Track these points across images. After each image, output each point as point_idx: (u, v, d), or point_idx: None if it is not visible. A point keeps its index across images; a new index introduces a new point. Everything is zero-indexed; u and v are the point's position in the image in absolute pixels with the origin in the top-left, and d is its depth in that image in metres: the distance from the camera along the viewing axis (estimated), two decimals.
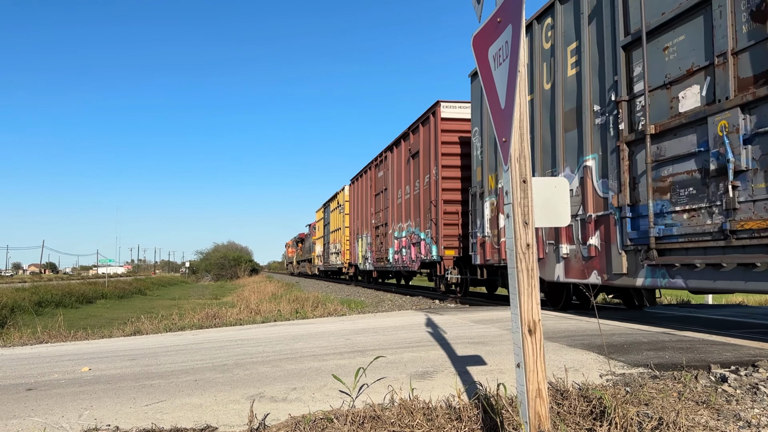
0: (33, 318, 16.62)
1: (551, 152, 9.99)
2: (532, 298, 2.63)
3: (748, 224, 5.80)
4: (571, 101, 9.35)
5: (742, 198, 5.92)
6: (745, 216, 5.88)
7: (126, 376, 5.20)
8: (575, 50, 9.20)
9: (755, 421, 3.46)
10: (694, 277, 6.67)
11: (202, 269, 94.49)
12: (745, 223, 5.84)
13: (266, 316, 13.10)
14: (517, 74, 2.57)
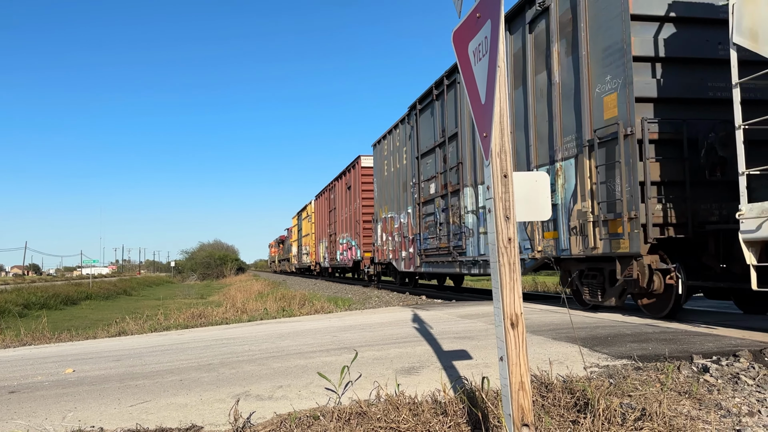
0: (16, 320, 16.44)
1: (394, 204, 19.44)
2: (515, 292, 2.65)
3: (443, 245, 14.42)
4: (403, 178, 18.44)
5: (443, 234, 14.44)
6: (444, 242, 14.45)
7: (110, 377, 5.16)
8: (404, 152, 18.24)
9: (736, 410, 3.51)
10: (434, 267, 15.53)
11: (188, 269, 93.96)
12: (442, 245, 14.48)
13: (253, 314, 13.06)
14: (497, 69, 2.58)
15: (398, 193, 18.87)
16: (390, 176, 19.89)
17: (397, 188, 18.95)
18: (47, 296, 28.83)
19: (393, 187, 19.52)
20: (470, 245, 12.70)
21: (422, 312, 9.81)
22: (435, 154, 15.09)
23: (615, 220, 7.88)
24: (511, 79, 11.18)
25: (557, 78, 9.37)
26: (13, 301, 24.45)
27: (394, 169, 19.37)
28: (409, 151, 17.47)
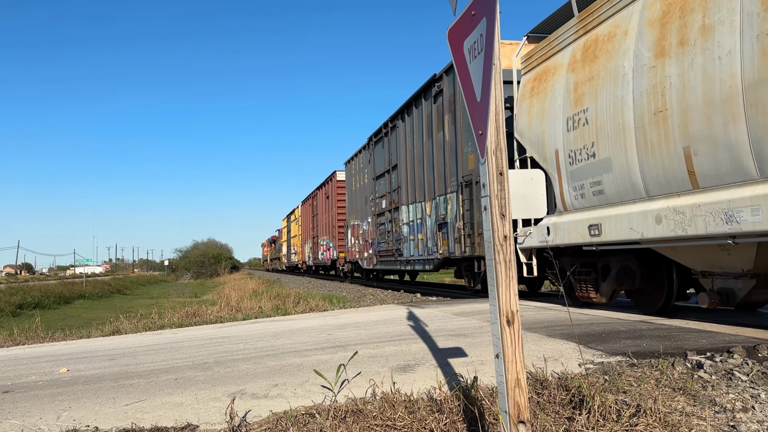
0: (9, 319, 16.36)
1: (359, 214, 23.62)
2: (510, 290, 2.65)
3: (390, 248, 18.82)
4: (365, 193, 22.59)
5: (390, 240, 18.78)
6: (390, 246, 18.80)
7: (105, 376, 5.14)
8: (365, 173, 22.35)
9: (730, 406, 3.53)
10: (385, 265, 19.80)
11: (182, 267, 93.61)
12: (389, 248, 18.91)
13: (247, 313, 13.04)
14: (492, 67, 2.58)
15: (362, 205, 23.42)
16: (356, 191, 24.63)
17: (362, 201, 23.49)
18: (40, 295, 28.69)
19: (358, 200, 24.14)
20: (405, 248, 17.59)
21: (417, 310, 9.82)
22: (385, 177, 19.76)
23: (473, 234, 12.37)
24: (426, 132, 15.86)
25: (446, 138, 14.23)
26: (6, 301, 24.32)
27: (359, 185, 24.02)
28: (368, 172, 22.15)
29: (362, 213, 23.19)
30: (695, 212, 6.30)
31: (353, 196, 25.12)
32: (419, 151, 16.26)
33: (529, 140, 9.44)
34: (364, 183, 22.70)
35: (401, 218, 17.73)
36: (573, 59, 8.90)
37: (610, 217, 7.84)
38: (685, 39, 6.40)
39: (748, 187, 5.71)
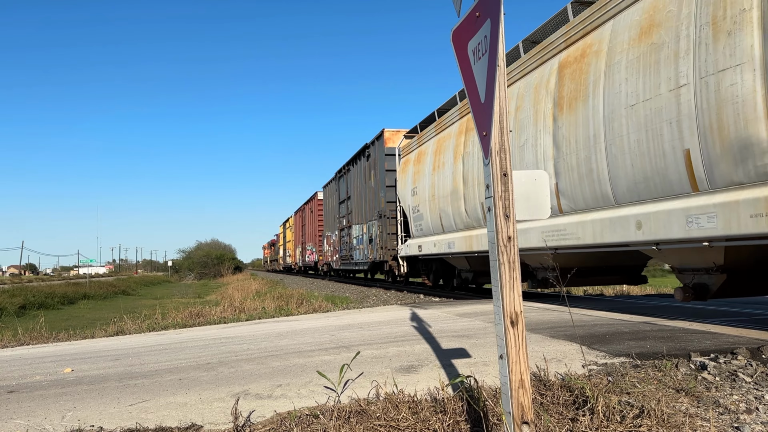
0: (13, 320, 16.40)
1: (331, 227, 30.87)
2: (514, 291, 2.65)
3: (346, 254, 26.47)
4: (334, 212, 29.73)
5: (346, 248, 26.52)
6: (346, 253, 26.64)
7: (109, 377, 5.16)
8: (336, 196, 29.09)
9: (734, 408, 3.53)
10: (346, 266, 26.96)
11: (185, 268, 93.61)
12: (346, 254, 26.54)
13: (251, 314, 13.05)
14: (497, 68, 2.59)
15: (332, 221, 30.48)
16: (329, 209, 31.78)
17: (332, 217, 30.54)
18: (45, 295, 28.74)
19: (330, 216, 31.32)
20: (354, 254, 24.60)
21: (420, 311, 9.82)
22: (344, 203, 26.87)
23: (384, 247, 19.25)
24: (363, 178, 22.77)
25: (372, 185, 21.18)
26: (10, 302, 24.37)
27: (331, 206, 31.01)
28: (335, 197, 29.31)
29: (332, 227, 30.51)
30: (469, 242, 12.68)
31: (327, 213, 32.62)
32: (360, 190, 23.49)
33: (400, 197, 17.84)
34: (334, 204, 29.85)
35: (352, 233, 24.93)
36: (416, 157, 16.39)
37: (426, 242, 15.47)
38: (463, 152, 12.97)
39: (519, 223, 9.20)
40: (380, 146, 19.76)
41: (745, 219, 5.73)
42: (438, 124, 14.88)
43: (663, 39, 6.83)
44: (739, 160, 5.87)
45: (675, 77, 6.58)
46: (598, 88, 7.93)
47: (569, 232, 8.63)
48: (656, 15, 7.05)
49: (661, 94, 6.77)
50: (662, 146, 6.80)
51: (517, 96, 10.26)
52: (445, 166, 13.65)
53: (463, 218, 12.88)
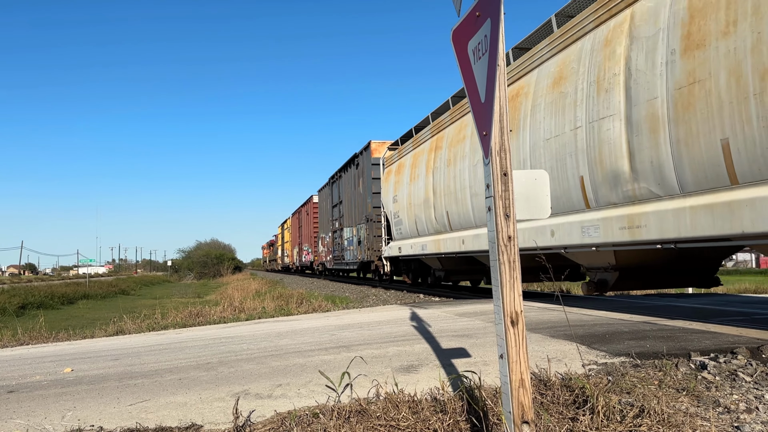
0: (13, 320, 16.40)
1: (325, 229, 32.99)
2: (515, 290, 2.65)
3: (339, 254, 28.64)
4: (328, 215, 31.99)
5: (339, 249, 28.69)
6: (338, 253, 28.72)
7: (109, 376, 5.16)
8: (329, 201, 31.59)
9: (734, 407, 3.53)
10: (338, 266, 29.52)
11: (185, 268, 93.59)
12: (338, 254, 28.64)
13: (250, 313, 13.05)
14: (497, 68, 2.59)
15: (326, 223, 32.60)
16: (324, 212, 33.97)
17: (326, 220, 32.62)
18: (44, 295, 28.73)
19: (324, 219, 33.48)
20: (345, 255, 26.78)
21: (420, 310, 9.82)
22: (337, 207, 28.78)
23: (370, 248, 21.35)
24: (353, 185, 24.89)
25: (361, 191, 23.25)
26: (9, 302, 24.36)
27: (325, 209, 33.33)
28: (329, 201, 31.28)
29: (326, 228, 32.52)
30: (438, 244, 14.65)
31: (322, 215, 34.84)
32: (350, 195, 25.42)
33: (384, 204, 19.59)
34: (328, 208, 31.98)
35: (344, 235, 26.91)
36: (396, 168, 18.24)
37: (404, 244, 17.54)
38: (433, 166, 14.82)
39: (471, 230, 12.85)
40: (367, 156, 21.92)
41: (616, 230, 7.61)
42: (415, 140, 16.74)
43: (567, 89, 8.59)
44: (613, 186, 7.67)
45: (574, 120, 8.36)
46: (526, 123, 9.76)
47: None
48: (564, 69, 8.77)
49: (565, 132, 8.60)
50: (566, 173, 8.64)
51: (468, 124, 12.69)
52: (419, 178, 15.62)
53: (433, 224, 14.83)
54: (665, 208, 6.80)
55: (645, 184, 7.11)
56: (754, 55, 5.53)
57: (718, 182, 6.10)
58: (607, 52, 7.70)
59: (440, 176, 14.01)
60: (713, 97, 6.02)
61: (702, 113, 6.16)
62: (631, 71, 7.22)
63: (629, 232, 7.37)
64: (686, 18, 6.44)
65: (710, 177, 6.17)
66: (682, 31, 6.47)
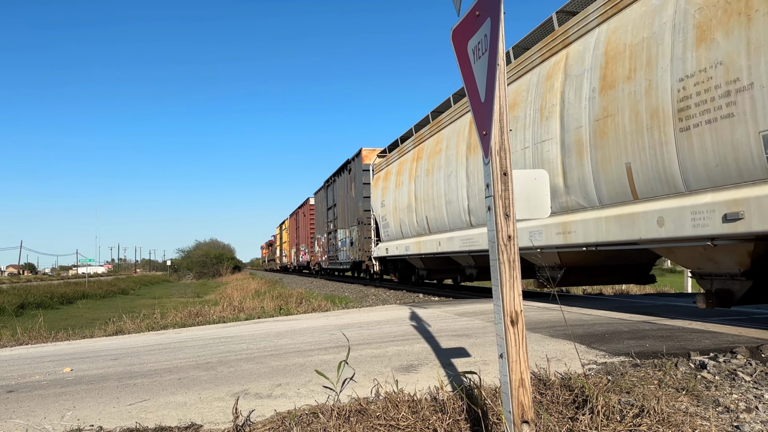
0: (12, 319, 16.39)
1: (321, 230, 34.76)
2: (514, 290, 2.65)
3: (333, 255, 29.86)
4: (323, 217, 33.04)
5: (333, 249, 29.75)
6: (333, 253, 29.88)
7: (109, 376, 5.16)
8: (325, 203, 32.44)
9: (734, 407, 3.53)
10: (332, 265, 30.38)
11: (184, 267, 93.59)
12: (333, 255, 29.86)
13: (250, 313, 13.05)
14: (497, 67, 2.58)
15: (322, 224, 33.96)
16: (320, 214, 35.08)
17: (322, 222, 33.92)
18: (43, 295, 28.71)
19: (320, 221, 34.76)
20: (339, 255, 28.08)
21: (420, 310, 9.82)
22: (332, 209, 30.14)
23: (361, 249, 22.94)
24: (345, 188, 26.19)
25: (353, 195, 24.57)
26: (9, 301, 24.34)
27: (321, 211, 34.52)
28: (324, 204, 32.52)
29: (322, 230, 33.91)
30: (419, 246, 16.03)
31: (318, 217, 36.22)
32: (344, 199, 26.80)
33: (373, 207, 20.94)
34: (323, 210, 33.23)
35: (338, 236, 28.28)
36: (384, 175, 19.66)
37: (391, 246, 18.94)
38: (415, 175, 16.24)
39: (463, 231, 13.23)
40: (359, 162, 23.34)
41: (554, 235, 9.00)
42: (400, 149, 18.21)
43: (519, 114, 9.98)
44: (552, 198, 8.77)
45: (523, 141, 9.74)
46: None
47: (475, 240, 12.27)
48: (517, 97, 10.19)
49: (517, 151, 9.89)
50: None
51: (447, 137, 13.90)
52: (404, 185, 17.10)
53: (415, 227, 16.32)
54: (588, 218, 8.22)
55: (574, 197, 8.54)
56: (647, 98, 6.83)
57: (624, 197, 7.43)
58: (548, 85, 9.15)
59: (421, 184, 15.56)
60: (620, 129, 7.33)
61: (612, 141, 7.51)
62: (564, 103, 8.59)
63: (563, 237, 8.82)
64: (603, 62, 7.72)
65: (619, 193, 7.51)
66: (600, 73, 7.78)
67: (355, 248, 23.79)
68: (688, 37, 6.33)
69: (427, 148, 15.34)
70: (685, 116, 6.32)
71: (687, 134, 6.32)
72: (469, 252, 12.82)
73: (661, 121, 6.63)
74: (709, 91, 6.04)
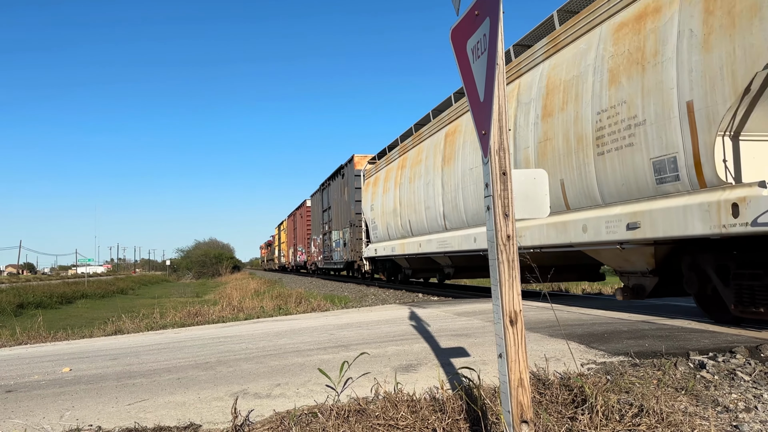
0: (11, 319, 16.38)
1: (317, 231, 35.93)
2: (513, 289, 2.65)
3: (328, 255, 31.12)
4: (319, 219, 34.45)
5: (328, 250, 31.27)
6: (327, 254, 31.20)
7: (107, 376, 5.15)
8: (320, 206, 33.93)
9: (733, 406, 3.53)
10: (327, 265, 32.03)
11: (184, 267, 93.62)
12: (328, 255, 31.24)
13: (249, 313, 13.05)
14: (496, 67, 2.58)
15: (318, 226, 35.31)
16: (316, 216, 36.66)
17: (318, 223, 35.34)
18: (42, 295, 28.71)
19: (316, 222, 36.35)
20: (333, 255, 29.49)
21: (419, 310, 9.82)
22: (327, 212, 31.56)
23: (353, 250, 23.97)
24: (339, 192, 27.72)
25: (345, 198, 25.96)
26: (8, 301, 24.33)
27: (317, 212, 35.76)
28: (320, 206, 33.99)
29: (318, 231, 35.49)
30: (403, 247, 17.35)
31: (314, 219, 37.77)
32: (337, 202, 28.19)
33: (363, 211, 22.43)
34: (319, 212, 34.83)
35: (332, 238, 29.77)
36: (373, 181, 21.21)
37: (379, 247, 20.14)
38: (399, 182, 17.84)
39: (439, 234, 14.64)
40: (351, 168, 24.71)
41: None
42: (387, 158, 19.83)
43: None
44: None
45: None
46: (459, 154, 12.83)
47: (449, 242, 13.80)
48: None
49: (480, 166, 11.08)
50: (481, 195, 11.29)
51: (426, 149, 15.41)
52: (390, 191, 18.65)
53: (400, 230, 17.80)
54: (534, 224, 9.47)
55: None
56: (575, 126, 8.12)
57: (560, 208, 8.65)
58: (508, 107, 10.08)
59: (404, 191, 17.15)
60: (556, 151, 8.60)
61: (551, 161, 8.82)
62: (516, 126, 9.99)
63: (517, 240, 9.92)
64: (545, 93, 8.97)
65: (556, 204, 8.66)
66: (542, 102, 9.01)
67: (347, 249, 25.44)
68: (603, 78, 7.63)
69: (410, 158, 16.95)
70: (601, 143, 7.61)
71: (602, 158, 7.62)
72: (445, 253, 14.33)
73: (584, 146, 7.92)
74: (617, 124, 7.40)
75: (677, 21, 6.62)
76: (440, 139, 14.26)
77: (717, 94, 6.01)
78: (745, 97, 5.81)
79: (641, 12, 7.21)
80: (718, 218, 6.01)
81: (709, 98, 6.08)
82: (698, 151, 6.27)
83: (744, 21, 5.70)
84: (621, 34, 7.44)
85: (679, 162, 6.54)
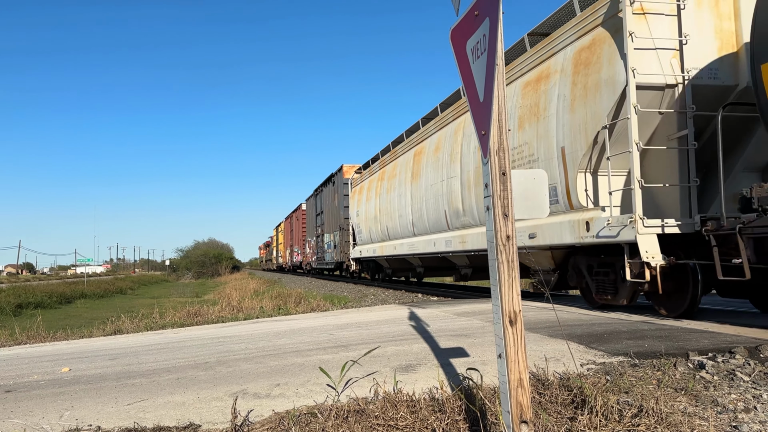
0: (10, 319, 16.37)
1: (311, 234, 37.92)
2: (513, 290, 2.65)
3: (320, 256, 33.34)
4: (313, 222, 37.04)
5: (321, 251, 33.28)
6: (320, 255, 33.57)
7: (107, 376, 5.15)
8: (314, 210, 36.30)
9: (732, 406, 3.53)
10: (320, 265, 34.12)
11: (183, 267, 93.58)
12: (320, 256, 33.41)
13: (249, 313, 13.04)
14: (495, 67, 2.58)
15: (312, 228, 37.23)
16: (310, 219, 38.42)
17: (312, 226, 37.39)
18: (42, 295, 28.70)
19: (311, 225, 37.84)
20: (325, 256, 31.35)
21: (418, 310, 9.82)
22: (320, 216, 33.59)
23: (343, 251, 26.62)
24: (330, 198, 30.13)
25: (336, 204, 28.39)
26: (7, 301, 24.32)
27: (312, 216, 37.54)
28: (314, 210, 36.07)
29: (312, 233, 37.55)
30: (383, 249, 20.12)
31: (309, 221, 39.68)
32: (329, 207, 30.49)
33: (350, 216, 24.53)
34: (313, 215, 36.91)
35: (324, 240, 31.97)
36: (359, 189, 23.46)
37: (363, 249, 22.81)
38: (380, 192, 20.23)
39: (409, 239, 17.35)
40: (340, 176, 27.34)
41: (457, 244, 13.07)
42: (370, 169, 22.18)
43: (440, 156, 13.98)
44: (456, 218, 13.15)
45: (441, 175, 13.82)
46: (423, 172, 15.25)
47: (416, 245, 16.25)
48: (440, 142, 14.26)
49: (437, 183, 14.06)
50: (438, 207, 14.13)
51: (400, 165, 17.84)
52: (372, 200, 20.92)
53: (379, 234, 20.11)
54: (474, 232, 12.13)
55: (468, 218, 12.51)
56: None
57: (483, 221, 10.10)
58: (456, 137, 13.04)
59: (383, 200, 19.46)
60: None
61: (478, 185, 11.44)
62: (462, 153, 12.50)
63: (462, 245, 12.90)
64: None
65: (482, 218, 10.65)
66: None
67: (338, 250, 27.97)
68: (515, 122, 9.91)
69: (387, 172, 19.43)
70: None
71: None
72: (414, 254, 16.78)
73: None
74: (523, 158, 9.64)
75: (558, 87, 8.75)
76: (410, 157, 16.80)
77: (578, 143, 8.33)
78: (595, 146, 8.09)
79: (539, 75, 9.40)
80: (578, 231, 8.39)
81: (574, 146, 8.42)
82: (568, 183, 8.65)
83: (591, 94, 7.96)
84: (526, 91, 9.70)
85: (558, 189, 8.88)
